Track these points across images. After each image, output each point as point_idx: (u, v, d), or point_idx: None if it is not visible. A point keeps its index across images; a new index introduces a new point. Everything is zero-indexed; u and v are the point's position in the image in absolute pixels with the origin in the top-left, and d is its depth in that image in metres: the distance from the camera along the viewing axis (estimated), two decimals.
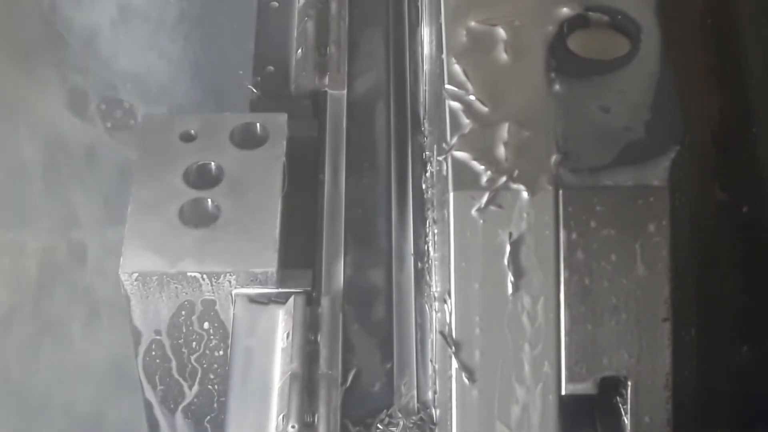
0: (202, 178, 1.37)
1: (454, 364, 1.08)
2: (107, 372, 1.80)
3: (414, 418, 1.24)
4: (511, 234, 1.07)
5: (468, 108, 1.11)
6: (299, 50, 1.53)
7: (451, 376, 1.08)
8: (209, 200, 1.34)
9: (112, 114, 2.04)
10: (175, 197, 1.34)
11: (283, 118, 1.44)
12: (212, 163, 1.38)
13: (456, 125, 1.11)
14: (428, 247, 1.22)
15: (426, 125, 1.29)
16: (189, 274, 1.29)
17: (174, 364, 1.33)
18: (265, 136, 1.42)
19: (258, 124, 1.43)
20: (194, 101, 2.04)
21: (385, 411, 1.26)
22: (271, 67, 1.53)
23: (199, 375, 1.34)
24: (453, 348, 1.08)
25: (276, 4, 1.59)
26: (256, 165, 1.39)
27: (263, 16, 1.59)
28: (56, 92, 1.99)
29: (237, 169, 1.38)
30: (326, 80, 1.52)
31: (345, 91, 1.52)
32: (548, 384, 1.07)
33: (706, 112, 1.22)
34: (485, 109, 1.11)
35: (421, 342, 1.28)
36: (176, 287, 1.30)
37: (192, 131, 1.42)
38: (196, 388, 1.34)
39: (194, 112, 1.48)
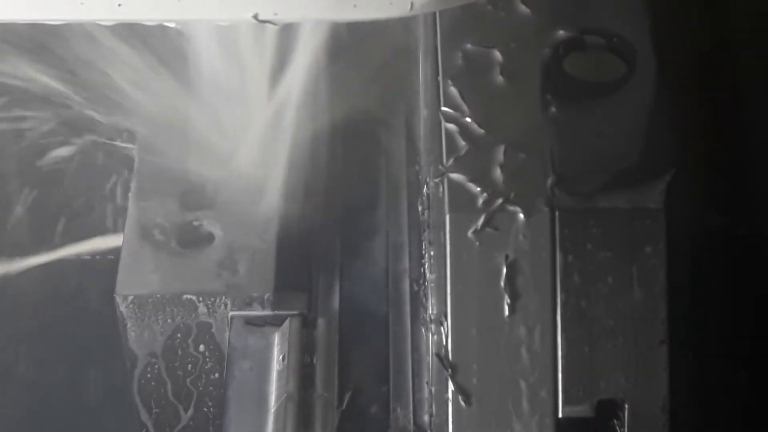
0: (198, 199, 1.37)
1: (451, 386, 1.07)
2: None
3: None
4: (507, 256, 1.07)
5: (464, 130, 1.11)
6: None
7: (447, 399, 1.08)
8: (205, 222, 1.34)
9: None
10: (171, 219, 1.34)
11: None
12: (209, 184, 1.38)
13: (452, 147, 1.11)
14: (424, 269, 1.22)
15: (422, 147, 1.28)
16: (184, 296, 1.29)
17: (169, 386, 1.33)
18: None
19: None
20: None
21: None
22: None
23: (194, 398, 1.33)
24: (449, 371, 1.08)
25: None
26: None
27: None
28: None
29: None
30: None
31: None
32: (545, 407, 1.06)
33: (702, 134, 1.22)
34: (481, 131, 1.11)
35: (418, 364, 1.27)
36: (172, 310, 1.29)
37: None
38: (191, 411, 1.34)
39: None
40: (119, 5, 0.79)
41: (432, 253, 1.15)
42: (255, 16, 0.80)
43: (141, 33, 1.16)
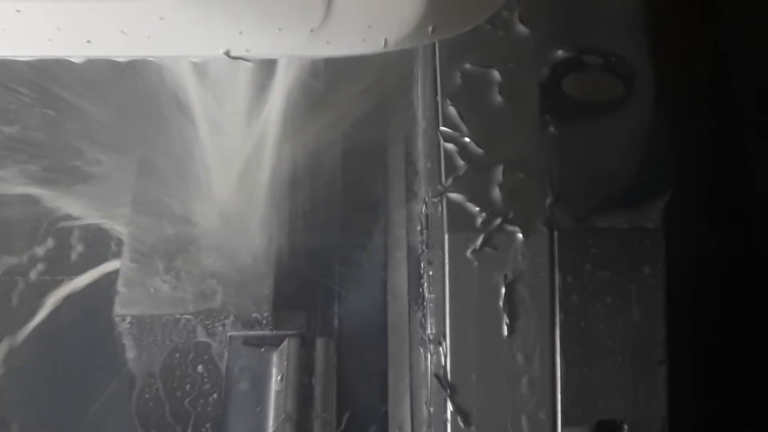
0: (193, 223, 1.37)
1: (450, 407, 1.07)
2: None
3: None
4: (506, 276, 1.07)
5: (463, 150, 1.11)
6: None
7: (446, 420, 1.07)
8: (204, 241, 1.35)
9: None
10: (168, 242, 1.34)
11: None
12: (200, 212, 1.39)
13: (451, 167, 1.11)
14: (423, 289, 1.22)
15: (421, 167, 1.29)
16: (183, 316, 1.29)
17: (167, 407, 1.33)
18: None
19: None
20: None
21: None
22: None
23: (192, 418, 1.33)
24: (448, 391, 1.07)
25: None
26: None
27: None
28: None
29: None
30: None
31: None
32: (544, 427, 1.06)
33: (700, 154, 1.22)
34: (480, 150, 1.11)
35: (416, 385, 1.27)
36: (170, 330, 1.30)
37: None
38: (189, 431, 1.34)
39: None
40: (89, 41, 0.79)
41: (431, 272, 1.15)
42: (227, 53, 0.80)
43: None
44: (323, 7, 0.75)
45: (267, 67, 1.12)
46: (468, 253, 1.07)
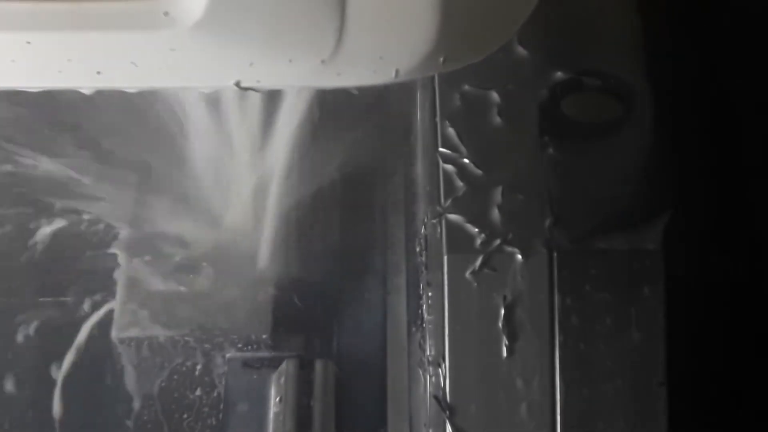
0: (195, 246, 1.37)
1: (449, 428, 1.07)
2: None
3: None
4: (505, 297, 1.07)
5: (462, 171, 1.11)
6: None
7: None
8: (204, 263, 1.35)
9: None
10: (168, 263, 1.34)
11: None
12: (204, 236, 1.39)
13: (450, 188, 1.11)
14: (422, 311, 1.22)
15: (420, 188, 1.29)
16: (182, 338, 1.29)
17: (166, 429, 1.33)
18: None
19: None
20: None
21: None
22: None
23: None
24: (447, 412, 1.07)
25: None
26: None
27: None
28: None
29: None
30: None
31: None
32: None
33: (700, 174, 1.22)
34: (479, 172, 1.11)
35: (415, 406, 1.27)
36: (169, 352, 1.30)
37: None
38: None
39: None
40: (99, 73, 0.78)
41: (430, 294, 1.15)
42: (237, 84, 0.79)
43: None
44: (334, 39, 0.75)
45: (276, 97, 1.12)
46: (467, 275, 1.07)
